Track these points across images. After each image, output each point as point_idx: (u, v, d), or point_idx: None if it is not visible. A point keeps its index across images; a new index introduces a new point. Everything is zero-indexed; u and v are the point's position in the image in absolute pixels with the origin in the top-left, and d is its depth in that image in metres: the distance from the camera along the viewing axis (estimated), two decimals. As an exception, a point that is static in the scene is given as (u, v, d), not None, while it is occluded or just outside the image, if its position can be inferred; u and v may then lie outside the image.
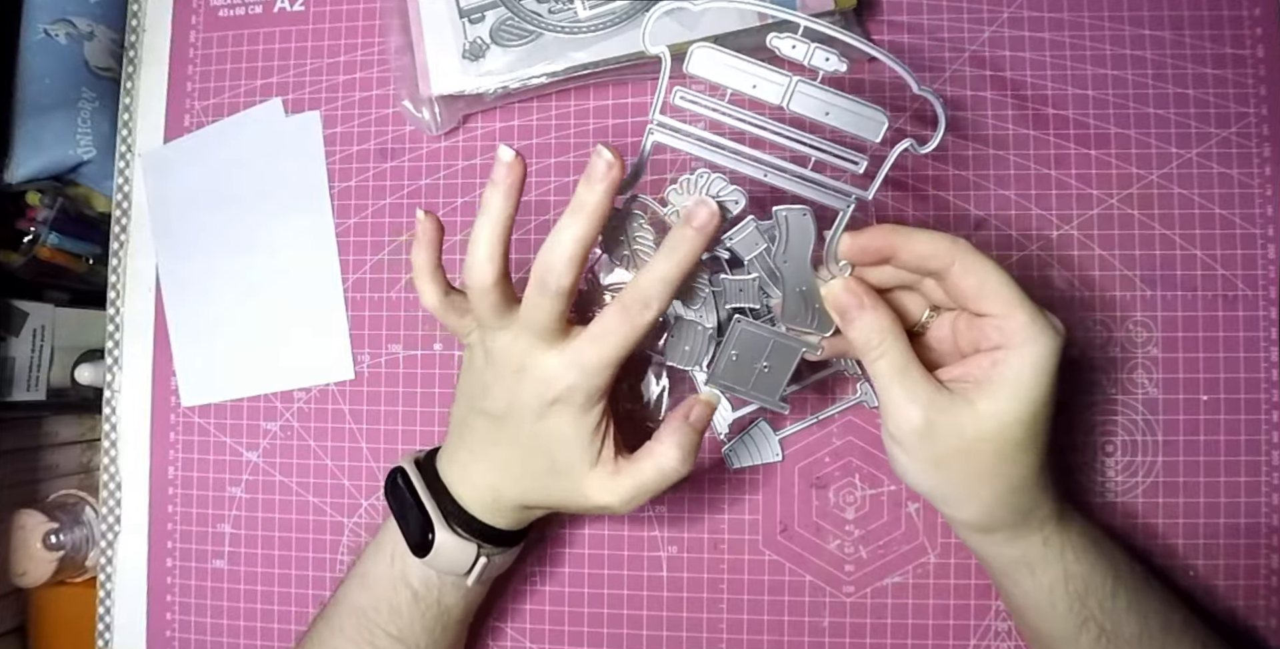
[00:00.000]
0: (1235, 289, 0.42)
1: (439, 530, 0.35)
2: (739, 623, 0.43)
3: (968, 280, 0.31)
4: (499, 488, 0.36)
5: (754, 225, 0.34)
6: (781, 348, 0.35)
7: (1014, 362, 0.31)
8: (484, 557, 0.36)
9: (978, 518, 0.34)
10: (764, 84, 0.32)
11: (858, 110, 0.32)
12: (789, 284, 0.35)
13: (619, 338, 0.32)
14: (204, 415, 0.48)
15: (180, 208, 0.49)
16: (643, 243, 0.35)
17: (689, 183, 0.34)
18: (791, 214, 0.34)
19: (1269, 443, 0.41)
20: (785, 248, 0.34)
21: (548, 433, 0.34)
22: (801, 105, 0.32)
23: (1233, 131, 0.42)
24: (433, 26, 0.44)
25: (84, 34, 0.56)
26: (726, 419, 0.43)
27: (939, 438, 0.32)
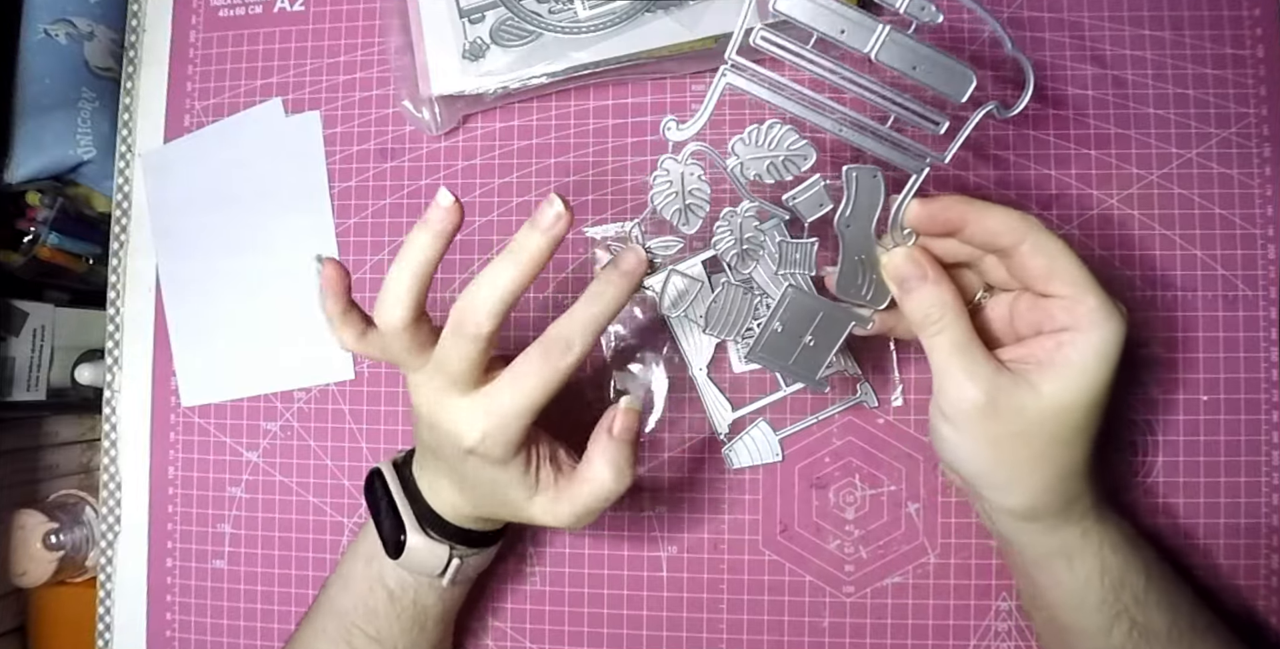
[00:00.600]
0: (1235, 289, 0.42)
1: (410, 532, 0.35)
2: (739, 623, 0.43)
3: (1037, 260, 0.31)
4: (457, 504, 0.36)
5: (822, 184, 0.32)
6: (830, 320, 0.33)
7: (1081, 345, 0.30)
8: (457, 558, 0.36)
9: (1024, 504, 0.33)
10: (854, 29, 0.30)
11: (948, 66, 0.30)
12: (848, 251, 0.32)
13: (538, 382, 0.31)
14: (204, 415, 0.48)
15: (180, 208, 0.49)
16: (698, 196, 0.33)
17: (758, 132, 0.31)
18: (862, 173, 0.31)
19: (1269, 443, 0.41)
20: (851, 210, 0.32)
21: (475, 475, 0.34)
22: (891, 56, 0.30)
23: (1233, 132, 0.42)
24: (433, 26, 0.44)
25: (84, 34, 0.56)
26: (726, 419, 0.43)
27: (999, 417, 0.31)
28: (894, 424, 0.43)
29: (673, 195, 0.33)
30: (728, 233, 0.33)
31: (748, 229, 0.33)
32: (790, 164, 0.32)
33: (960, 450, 0.32)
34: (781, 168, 0.32)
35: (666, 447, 0.44)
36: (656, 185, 0.33)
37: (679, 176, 0.32)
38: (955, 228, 0.32)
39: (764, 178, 0.32)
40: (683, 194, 0.33)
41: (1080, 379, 0.30)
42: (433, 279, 0.32)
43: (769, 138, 0.31)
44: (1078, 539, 0.33)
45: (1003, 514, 0.34)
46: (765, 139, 0.31)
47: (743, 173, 0.32)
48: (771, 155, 0.32)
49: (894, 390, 0.43)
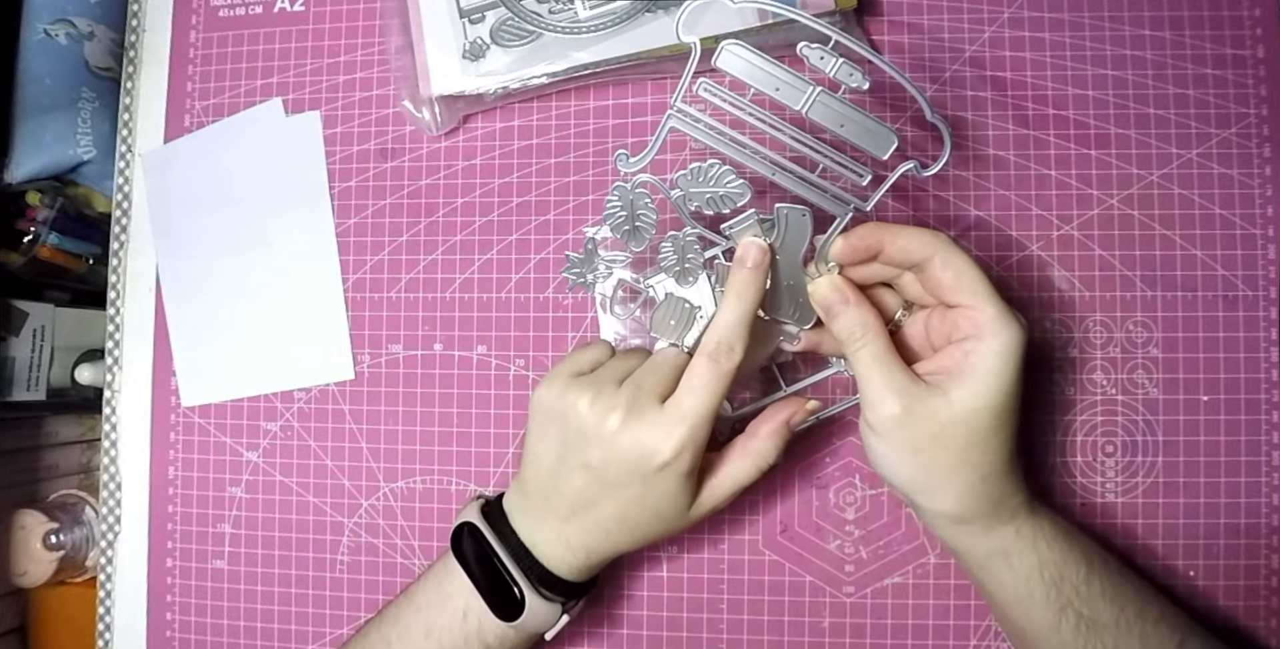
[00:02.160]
0: (1235, 289, 0.42)
1: (529, 595, 0.35)
2: (739, 623, 0.43)
3: (946, 273, 0.33)
4: (593, 548, 0.36)
5: (755, 218, 0.35)
6: (761, 335, 0.37)
7: (984, 351, 0.33)
8: (566, 614, 0.37)
9: (953, 508, 0.34)
10: (787, 89, 0.33)
11: (871, 127, 0.33)
12: (778, 277, 0.36)
13: (715, 387, 0.34)
14: (204, 415, 0.48)
15: (180, 208, 0.49)
16: (645, 220, 0.36)
17: (699, 171, 0.35)
18: (792, 213, 0.35)
19: (1269, 443, 0.41)
20: (781, 243, 0.35)
21: (655, 491, 0.34)
22: (820, 114, 0.33)
23: (1233, 132, 0.42)
24: (433, 26, 0.44)
25: (84, 34, 0.56)
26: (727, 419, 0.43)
27: (915, 425, 0.33)
28: (894, 424, 0.43)
29: (622, 217, 0.36)
30: (671, 253, 0.36)
31: (689, 251, 0.36)
32: (728, 199, 0.35)
33: (886, 459, 0.34)
34: (719, 202, 0.35)
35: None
36: (608, 207, 0.36)
37: (629, 202, 0.36)
38: (875, 252, 0.35)
39: (704, 209, 0.35)
40: (631, 217, 0.36)
41: (985, 383, 0.32)
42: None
43: (709, 175, 0.35)
44: (1012, 538, 0.35)
45: (938, 520, 0.36)
46: (706, 176, 0.35)
47: (685, 203, 0.36)
48: (711, 191, 0.35)
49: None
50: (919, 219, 0.43)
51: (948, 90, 0.44)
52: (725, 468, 0.36)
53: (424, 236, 0.47)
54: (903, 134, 0.41)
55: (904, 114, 0.44)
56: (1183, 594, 0.40)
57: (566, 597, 0.36)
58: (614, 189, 0.36)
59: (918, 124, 0.43)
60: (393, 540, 0.46)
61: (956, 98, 0.44)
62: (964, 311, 0.33)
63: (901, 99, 0.44)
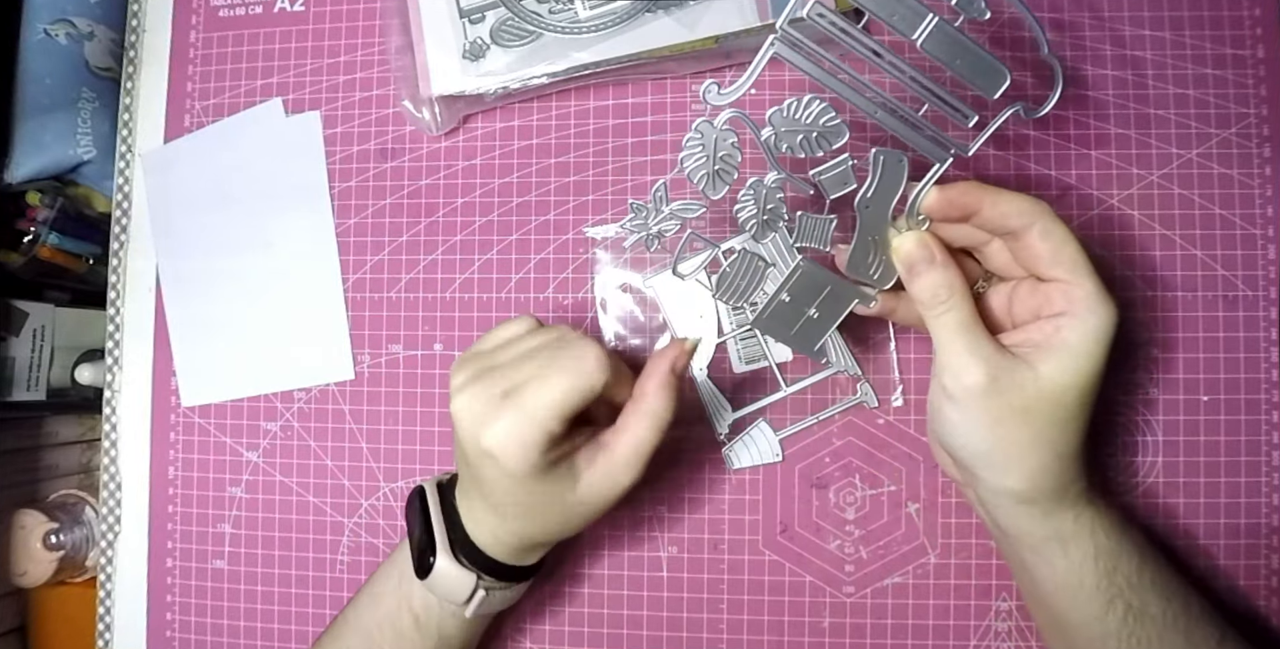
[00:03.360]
0: (1235, 289, 0.42)
1: (440, 555, 0.35)
2: (739, 623, 0.43)
3: (1045, 243, 0.32)
4: (499, 532, 0.36)
5: (849, 163, 0.33)
6: (836, 295, 0.35)
7: (1078, 328, 0.31)
8: (483, 589, 0.36)
9: (1023, 485, 0.33)
10: (905, 14, 0.30)
11: (987, 62, 0.31)
12: (864, 230, 0.33)
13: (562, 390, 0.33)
14: (204, 415, 0.48)
15: (180, 208, 0.49)
16: (728, 162, 0.33)
17: (796, 106, 0.32)
18: (889, 157, 0.32)
19: (1269, 443, 0.41)
20: (873, 192, 0.33)
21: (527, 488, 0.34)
22: (935, 45, 0.31)
23: (1233, 132, 0.42)
24: (433, 26, 0.44)
25: (84, 34, 0.56)
26: (726, 419, 0.43)
27: (1000, 396, 0.32)
28: (894, 424, 0.43)
29: (703, 159, 0.33)
30: (751, 202, 0.34)
31: (771, 200, 0.33)
32: (823, 140, 0.32)
33: (961, 428, 0.33)
34: (814, 143, 0.32)
35: (666, 447, 0.44)
36: (688, 148, 0.33)
37: (712, 141, 0.33)
38: (971, 212, 0.33)
39: (795, 151, 0.33)
40: (713, 159, 0.33)
41: (1075, 361, 0.31)
42: None
43: (806, 112, 0.32)
44: (1071, 523, 0.34)
45: (1001, 498, 0.34)
46: (802, 113, 0.32)
47: (775, 144, 0.33)
48: (806, 129, 0.32)
49: (894, 390, 0.43)
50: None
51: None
52: (624, 437, 0.34)
53: (424, 236, 0.47)
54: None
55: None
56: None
57: (492, 573, 0.36)
58: (696, 126, 0.32)
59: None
60: (393, 540, 0.46)
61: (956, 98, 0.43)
62: (1059, 286, 0.32)
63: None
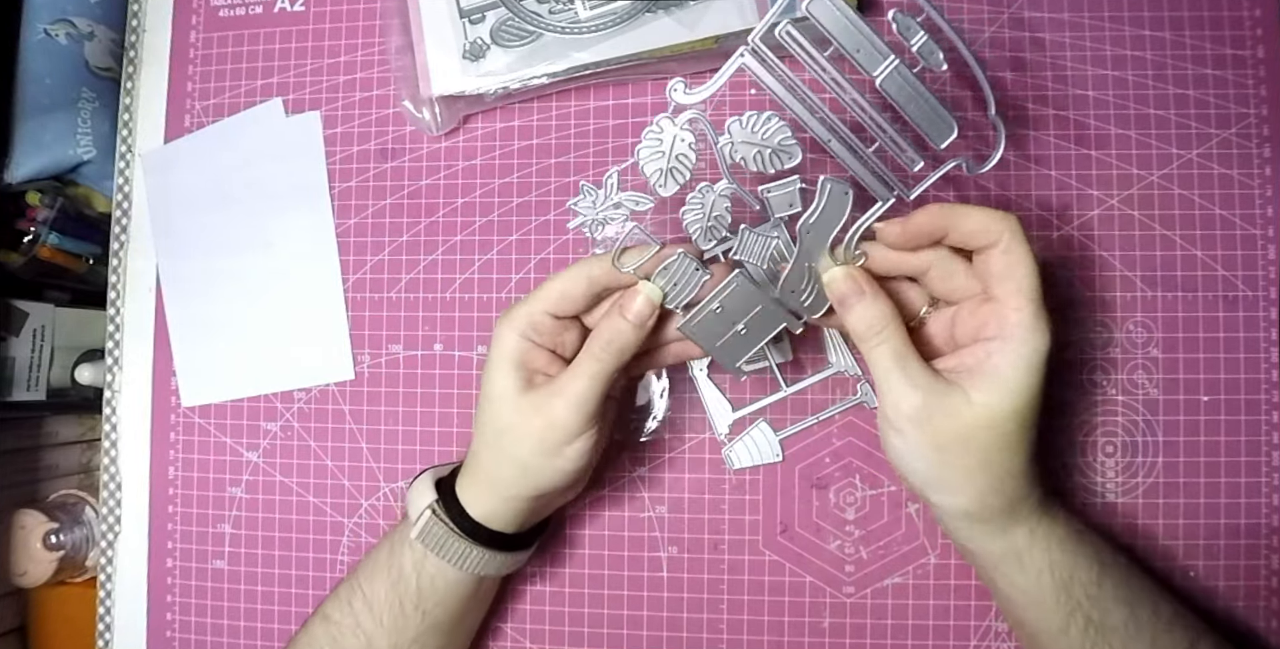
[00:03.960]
0: (1235, 289, 0.42)
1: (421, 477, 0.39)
2: (739, 623, 0.43)
3: (1002, 259, 0.32)
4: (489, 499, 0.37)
5: (798, 185, 0.33)
6: (767, 315, 0.35)
7: (1008, 355, 0.32)
8: (430, 511, 0.37)
9: (971, 506, 0.34)
10: (868, 52, 0.31)
11: (937, 111, 0.32)
12: (801, 256, 0.34)
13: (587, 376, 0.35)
14: (204, 415, 0.48)
15: (180, 208, 0.49)
16: (682, 162, 0.33)
17: (754, 120, 0.32)
18: (836, 187, 0.32)
19: (1269, 443, 0.41)
20: (815, 218, 0.33)
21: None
22: (892, 87, 0.31)
23: (1233, 132, 0.42)
24: (433, 27, 0.44)
25: (84, 34, 0.56)
26: (726, 419, 0.43)
27: (936, 423, 0.32)
28: (894, 424, 0.43)
29: (658, 155, 0.33)
30: (699, 206, 0.34)
31: (718, 208, 0.34)
32: (776, 158, 0.33)
33: (906, 455, 0.33)
34: (767, 159, 0.33)
35: (666, 447, 0.44)
36: (645, 140, 0.33)
37: (670, 138, 0.33)
38: (939, 237, 0.33)
39: (748, 164, 0.33)
40: (668, 156, 0.33)
41: (1007, 387, 0.32)
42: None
43: (764, 128, 0.32)
44: (1025, 538, 0.34)
45: (955, 518, 0.35)
46: (760, 127, 0.32)
47: (730, 153, 0.33)
48: (761, 144, 0.33)
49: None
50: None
51: (947, 90, 0.44)
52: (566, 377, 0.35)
53: (424, 236, 0.47)
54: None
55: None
56: (1182, 594, 0.40)
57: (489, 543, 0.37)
58: (658, 120, 0.33)
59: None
60: (393, 540, 0.46)
61: (957, 98, 0.44)
62: (998, 308, 0.32)
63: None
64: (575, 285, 0.35)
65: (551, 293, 0.36)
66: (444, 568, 0.37)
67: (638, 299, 0.35)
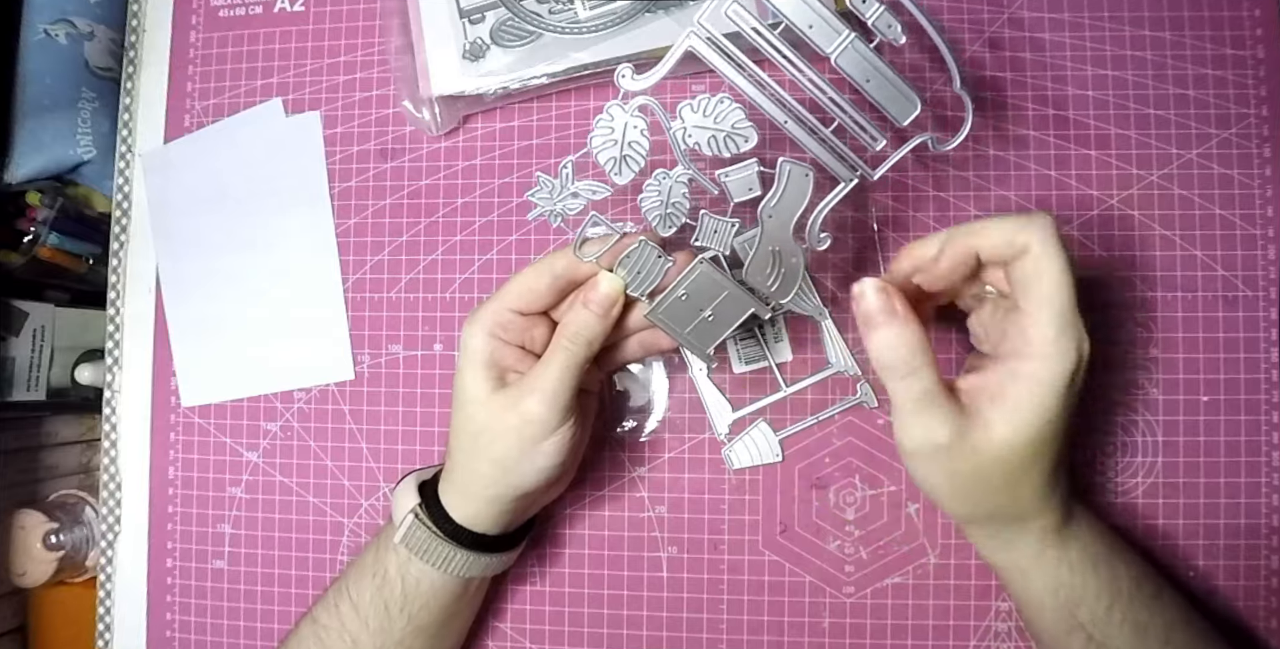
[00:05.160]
0: (1235, 289, 0.42)
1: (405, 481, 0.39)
2: (739, 623, 0.43)
3: (1029, 266, 0.30)
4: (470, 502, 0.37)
5: (756, 169, 0.32)
6: (733, 301, 0.34)
7: (1032, 379, 0.30)
8: (413, 515, 0.37)
9: (979, 519, 0.34)
10: (822, 28, 0.30)
11: (898, 87, 0.31)
12: (765, 240, 0.33)
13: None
14: (204, 415, 0.48)
15: (180, 208, 0.49)
16: (636, 149, 0.33)
17: (706, 104, 0.31)
18: (795, 169, 0.32)
19: (1269, 443, 0.41)
20: (777, 202, 0.32)
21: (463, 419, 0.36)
22: (849, 63, 0.30)
23: (1233, 132, 0.42)
24: (433, 27, 0.44)
25: (84, 34, 0.56)
26: (726, 419, 0.43)
27: (956, 457, 0.31)
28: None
29: (611, 143, 0.33)
30: (655, 193, 0.33)
31: (675, 194, 0.33)
32: (731, 141, 0.32)
33: (924, 479, 0.33)
34: (722, 143, 0.32)
35: (666, 447, 0.44)
36: (597, 129, 0.33)
37: (621, 125, 0.32)
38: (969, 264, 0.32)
39: (703, 149, 0.32)
40: (621, 144, 0.33)
41: (1030, 416, 0.30)
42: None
43: (717, 111, 0.32)
44: (1031, 558, 0.34)
45: (964, 524, 0.36)
46: (713, 111, 0.32)
47: (684, 139, 0.32)
48: (715, 128, 0.32)
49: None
50: (917, 220, 0.43)
51: (947, 90, 0.44)
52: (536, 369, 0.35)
53: (424, 236, 0.47)
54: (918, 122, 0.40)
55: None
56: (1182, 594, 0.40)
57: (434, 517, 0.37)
58: (608, 108, 0.32)
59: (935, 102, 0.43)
60: (393, 540, 0.46)
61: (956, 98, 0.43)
62: (1022, 321, 0.30)
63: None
64: (538, 280, 0.35)
65: (515, 289, 0.36)
66: (428, 571, 0.37)
67: (599, 288, 0.35)
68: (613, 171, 0.33)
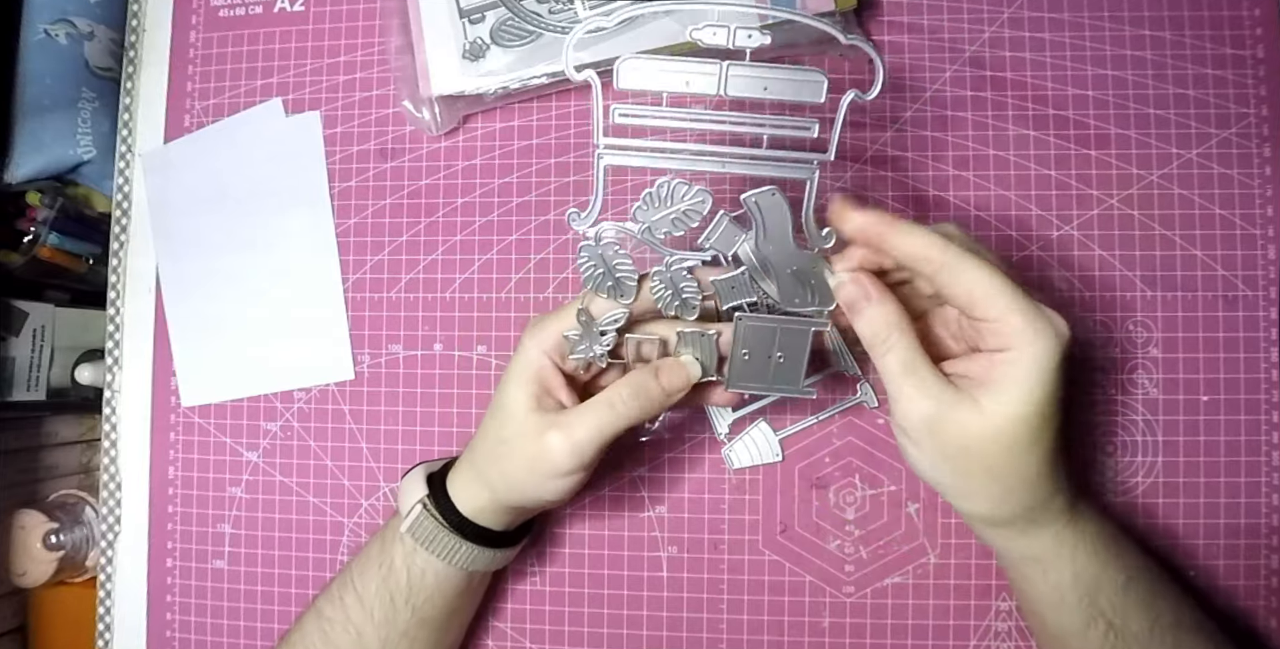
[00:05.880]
0: (1235, 289, 0.42)
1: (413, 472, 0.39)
2: (739, 623, 0.43)
3: (955, 288, 0.31)
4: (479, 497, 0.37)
5: (727, 220, 0.33)
6: (790, 333, 0.34)
7: (1013, 364, 0.30)
8: (421, 505, 0.37)
9: (988, 512, 0.33)
10: (697, 78, 0.31)
11: (794, 76, 0.31)
12: (778, 267, 0.34)
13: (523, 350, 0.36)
14: (204, 415, 0.48)
15: (180, 208, 0.49)
16: (624, 269, 0.34)
17: (652, 196, 0.33)
18: (761, 197, 0.33)
19: (1269, 443, 0.41)
20: (765, 233, 0.33)
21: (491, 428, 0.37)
22: (739, 87, 0.31)
23: (1233, 132, 0.42)
24: (433, 26, 0.44)
25: (84, 34, 0.56)
26: (726, 419, 0.43)
27: (947, 433, 0.31)
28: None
29: (601, 274, 0.34)
30: (663, 288, 0.35)
31: (679, 280, 0.34)
32: (692, 213, 0.33)
33: (920, 461, 0.33)
34: (686, 219, 0.33)
35: (666, 447, 0.44)
36: (584, 271, 0.34)
37: (599, 258, 0.34)
38: (876, 246, 0.32)
39: (674, 232, 0.34)
40: (610, 272, 0.34)
41: (1018, 396, 0.30)
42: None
43: (663, 195, 0.33)
44: (1049, 544, 0.34)
45: (972, 521, 0.35)
46: (661, 198, 0.33)
47: (653, 235, 0.34)
48: (672, 210, 0.33)
49: (894, 390, 0.43)
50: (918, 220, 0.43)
51: (948, 90, 0.44)
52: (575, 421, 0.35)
53: (424, 236, 0.47)
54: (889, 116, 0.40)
55: (925, 93, 0.44)
56: (1183, 594, 0.41)
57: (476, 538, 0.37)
58: (581, 249, 0.34)
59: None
60: (393, 540, 0.46)
61: (956, 98, 0.44)
62: (988, 325, 0.31)
63: (900, 78, 0.44)
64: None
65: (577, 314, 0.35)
66: (433, 562, 0.37)
67: (678, 373, 0.35)
68: (617, 296, 0.35)
